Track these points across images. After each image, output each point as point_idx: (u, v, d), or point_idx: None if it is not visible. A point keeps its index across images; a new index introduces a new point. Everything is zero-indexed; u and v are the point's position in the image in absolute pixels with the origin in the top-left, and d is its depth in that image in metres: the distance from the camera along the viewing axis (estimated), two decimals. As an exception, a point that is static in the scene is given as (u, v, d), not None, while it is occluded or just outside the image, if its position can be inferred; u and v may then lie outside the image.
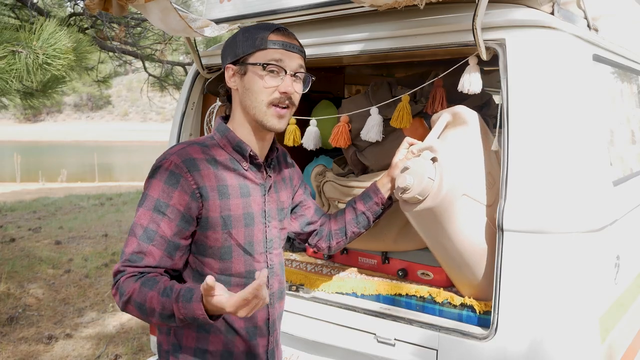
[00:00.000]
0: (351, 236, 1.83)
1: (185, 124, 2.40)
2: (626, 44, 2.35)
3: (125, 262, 1.37)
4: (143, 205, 1.40)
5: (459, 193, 1.66)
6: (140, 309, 1.31)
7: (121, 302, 1.34)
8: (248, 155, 1.48)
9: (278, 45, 1.44)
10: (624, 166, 2.13)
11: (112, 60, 7.15)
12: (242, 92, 1.47)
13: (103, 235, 7.21)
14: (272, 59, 1.43)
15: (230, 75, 1.48)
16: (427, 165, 1.67)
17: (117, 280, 1.37)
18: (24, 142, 38.83)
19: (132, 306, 1.33)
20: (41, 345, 3.95)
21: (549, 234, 1.53)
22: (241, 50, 1.45)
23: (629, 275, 1.94)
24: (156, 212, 1.38)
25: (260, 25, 1.49)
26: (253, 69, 1.44)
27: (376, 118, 2.11)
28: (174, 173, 1.39)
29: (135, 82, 46.62)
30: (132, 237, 1.39)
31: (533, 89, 1.59)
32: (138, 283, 1.33)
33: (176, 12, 1.81)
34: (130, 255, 1.37)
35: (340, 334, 1.91)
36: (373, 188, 1.82)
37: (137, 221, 1.39)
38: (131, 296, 1.32)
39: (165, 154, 1.44)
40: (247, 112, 1.48)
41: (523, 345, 1.54)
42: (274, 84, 1.44)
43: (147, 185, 1.42)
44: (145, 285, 1.32)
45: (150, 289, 1.30)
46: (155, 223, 1.37)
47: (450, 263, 1.78)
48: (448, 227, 1.67)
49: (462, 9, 1.73)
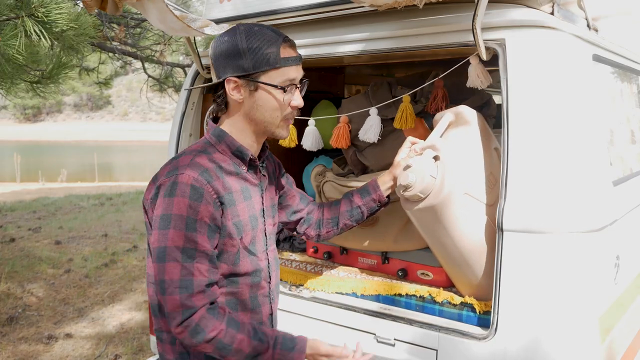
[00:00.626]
0: (342, 228, 1.82)
1: (185, 124, 2.40)
2: (626, 44, 2.35)
3: (183, 292, 1.31)
4: (171, 227, 1.33)
5: (461, 192, 1.66)
6: (224, 349, 1.33)
7: (199, 340, 1.31)
8: (248, 159, 1.49)
9: (291, 62, 1.42)
10: (624, 166, 2.13)
11: (112, 61, 7.14)
12: (251, 107, 1.44)
13: (103, 235, 7.21)
14: (288, 78, 1.42)
15: (233, 88, 1.42)
16: (430, 163, 1.67)
17: (187, 317, 1.31)
18: (24, 142, 38.83)
19: (213, 346, 1.33)
20: (41, 345, 3.95)
21: (549, 234, 1.53)
22: (250, 65, 1.39)
23: (629, 275, 1.94)
24: (189, 230, 1.33)
25: (265, 35, 1.40)
26: (267, 88, 1.41)
27: (375, 118, 2.11)
28: (195, 187, 1.35)
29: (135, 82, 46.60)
30: (172, 262, 1.32)
31: (533, 89, 1.59)
32: (224, 324, 1.34)
33: (172, 14, 1.81)
34: (180, 282, 1.31)
35: (340, 334, 1.91)
36: (373, 184, 1.82)
37: (171, 244, 1.32)
38: (216, 337, 1.32)
39: (177, 168, 1.38)
40: (255, 123, 1.47)
41: (523, 345, 1.54)
42: (289, 100, 1.45)
43: (166, 204, 1.34)
44: (232, 326, 1.34)
45: (237, 331, 1.34)
46: (192, 241, 1.33)
47: (450, 262, 1.78)
48: (449, 225, 1.67)
49: (462, 9, 1.73)
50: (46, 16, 2.69)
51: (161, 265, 1.33)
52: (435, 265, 1.96)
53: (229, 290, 1.45)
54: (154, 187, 1.40)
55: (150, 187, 1.42)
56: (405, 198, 1.72)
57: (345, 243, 2.21)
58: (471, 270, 1.73)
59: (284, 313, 2.05)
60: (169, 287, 1.32)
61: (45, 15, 2.69)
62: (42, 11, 2.67)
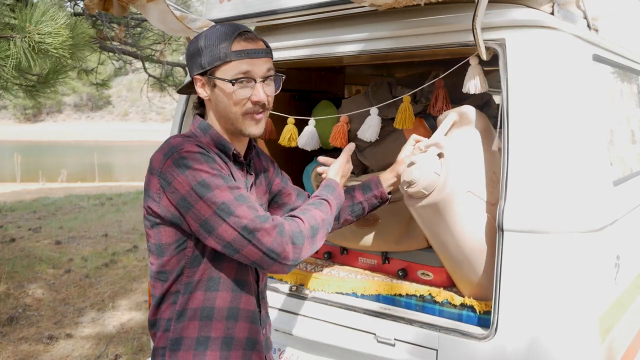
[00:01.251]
0: (343, 223, 1.83)
1: (185, 124, 2.40)
2: (626, 44, 2.34)
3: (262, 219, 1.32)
4: (213, 188, 1.31)
5: (464, 189, 1.67)
6: (315, 230, 1.43)
7: (303, 241, 1.37)
8: (232, 153, 1.49)
9: (243, 55, 1.40)
10: (624, 166, 2.13)
11: (112, 61, 7.15)
12: (215, 103, 1.46)
13: (103, 235, 7.21)
14: (239, 72, 1.39)
15: (200, 86, 1.46)
16: (434, 160, 1.68)
17: (283, 231, 1.33)
18: (24, 142, 38.83)
19: (310, 236, 1.40)
20: (41, 345, 3.95)
21: (549, 234, 1.53)
22: (206, 62, 1.41)
23: (629, 275, 1.94)
24: (228, 182, 1.34)
25: (221, 32, 1.42)
26: (221, 83, 1.41)
27: (375, 118, 2.11)
28: (202, 153, 1.36)
29: (135, 82, 46.61)
30: (238, 208, 1.31)
31: (533, 89, 1.59)
32: (302, 216, 1.43)
33: (172, 14, 1.82)
34: (256, 217, 1.32)
35: (340, 334, 1.91)
36: (375, 181, 1.82)
37: (225, 199, 1.31)
38: (306, 226, 1.40)
39: (174, 146, 1.37)
40: (223, 120, 1.47)
41: (523, 345, 1.54)
42: (245, 95, 1.42)
43: (190, 177, 1.31)
44: (305, 213, 1.46)
45: (312, 209, 1.49)
46: (236, 188, 1.35)
47: (452, 260, 1.78)
48: (452, 223, 1.68)
49: (462, 9, 1.73)
50: (40, 41, 2.66)
51: (232, 217, 1.31)
52: (436, 265, 1.96)
53: (215, 289, 1.43)
54: (155, 177, 1.37)
55: (151, 178, 1.38)
56: (409, 195, 1.72)
57: (345, 243, 2.21)
58: (473, 268, 1.73)
59: (284, 313, 2.05)
60: (252, 224, 1.31)
61: (39, 40, 2.65)
62: (37, 37, 2.63)
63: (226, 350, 1.45)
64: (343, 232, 2.11)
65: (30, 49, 2.64)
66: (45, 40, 2.65)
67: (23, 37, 2.63)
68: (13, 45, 2.62)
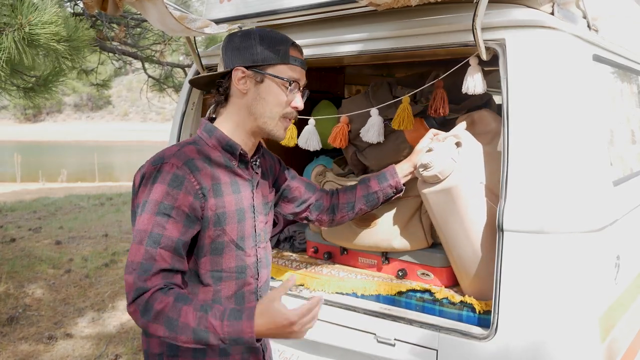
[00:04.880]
0: (358, 212, 1.85)
1: (185, 123, 2.40)
2: (626, 44, 2.34)
3: (140, 273, 1.30)
4: (145, 212, 1.35)
5: (477, 180, 1.70)
6: (171, 324, 1.25)
7: (148, 317, 1.27)
8: (238, 154, 1.50)
9: (298, 63, 1.49)
10: (624, 166, 2.13)
11: (112, 61, 7.14)
12: (254, 99, 1.48)
13: (103, 235, 7.21)
14: (291, 76, 1.47)
15: (240, 77, 1.46)
16: (451, 147, 1.73)
17: (138, 296, 1.28)
18: (24, 142, 38.81)
19: (161, 322, 1.25)
20: (41, 345, 3.95)
21: (549, 234, 1.53)
22: (261, 58, 1.45)
23: (629, 275, 1.94)
24: (160, 215, 1.34)
25: (276, 35, 1.49)
26: (274, 80, 1.46)
27: (376, 118, 2.11)
28: (177, 175, 1.37)
29: (135, 82, 46.55)
30: (137, 245, 1.33)
31: (533, 89, 1.59)
32: (171, 297, 1.27)
33: (171, 15, 1.82)
34: (140, 265, 1.31)
35: (340, 334, 1.91)
36: (391, 171, 1.84)
37: (140, 227, 1.34)
38: (163, 310, 1.25)
39: (162, 157, 1.41)
40: (254, 118, 1.49)
41: (523, 345, 1.54)
42: (292, 99, 1.50)
43: (145, 191, 1.37)
44: (180, 301, 1.27)
45: (184, 304, 1.26)
46: (161, 226, 1.33)
47: (458, 253, 1.78)
48: (463, 212, 1.69)
49: (462, 9, 1.73)
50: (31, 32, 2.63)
51: (131, 246, 1.36)
52: (436, 266, 1.96)
53: (215, 289, 1.45)
54: (139, 176, 1.43)
55: (137, 176, 1.44)
56: (424, 179, 1.74)
57: (345, 243, 2.21)
58: (479, 263, 1.73)
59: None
60: (128, 267, 1.32)
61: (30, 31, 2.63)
62: (27, 28, 2.61)
63: (225, 354, 1.46)
64: (343, 232, 2.12)
65: (22, 40, 2.62)
66: (36, 30, 2.64)
67: (14, 30, 2.62)
68: (5, 39, 2.60)
